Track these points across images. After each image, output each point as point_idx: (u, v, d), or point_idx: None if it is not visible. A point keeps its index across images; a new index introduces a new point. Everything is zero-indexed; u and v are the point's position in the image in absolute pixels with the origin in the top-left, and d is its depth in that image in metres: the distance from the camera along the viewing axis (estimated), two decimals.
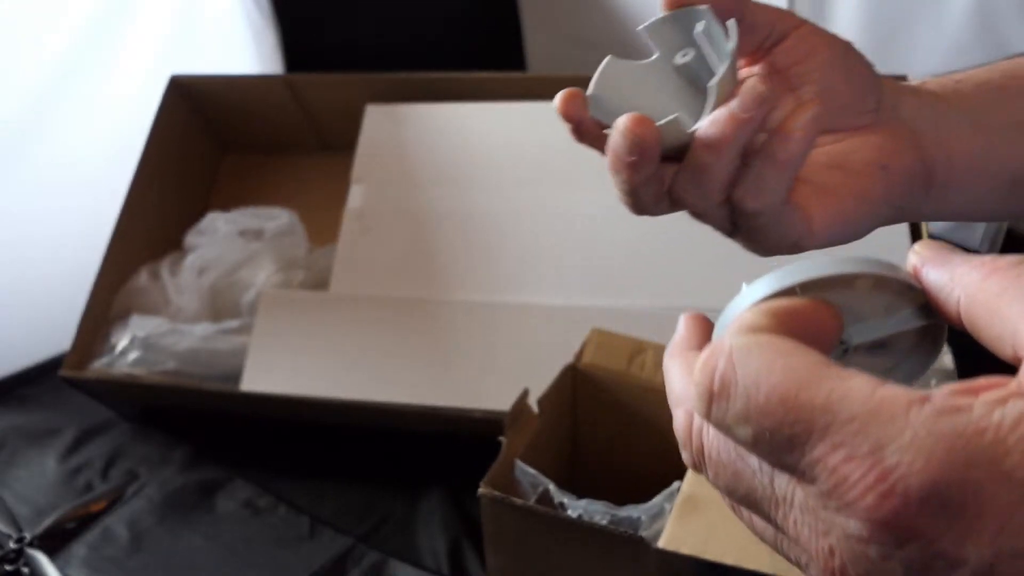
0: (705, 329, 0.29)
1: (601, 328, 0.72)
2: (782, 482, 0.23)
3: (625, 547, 0.58)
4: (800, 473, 0.22)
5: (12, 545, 0.81)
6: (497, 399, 0.75)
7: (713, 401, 0.23)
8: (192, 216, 1.07)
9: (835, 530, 0.21)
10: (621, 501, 0.63)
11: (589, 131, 0.39)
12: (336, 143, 1.17)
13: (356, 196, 1.00)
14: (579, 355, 0.71)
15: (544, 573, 0.66)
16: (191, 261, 1.01)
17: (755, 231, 0.38)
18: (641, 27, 0.38)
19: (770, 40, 0.39)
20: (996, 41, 0.99)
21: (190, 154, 1.17)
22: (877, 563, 0.21)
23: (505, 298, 0.90)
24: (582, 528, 0.60)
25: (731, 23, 0.36)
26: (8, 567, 0.79)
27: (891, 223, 0.40)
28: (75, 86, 1.08)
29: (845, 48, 0.39)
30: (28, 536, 0.82)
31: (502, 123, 1.00)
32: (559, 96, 0.38)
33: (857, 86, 0.39)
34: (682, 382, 0.26)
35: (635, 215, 0.39)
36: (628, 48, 1.36)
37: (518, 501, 0.61)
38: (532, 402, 0.69)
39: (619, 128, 0.36)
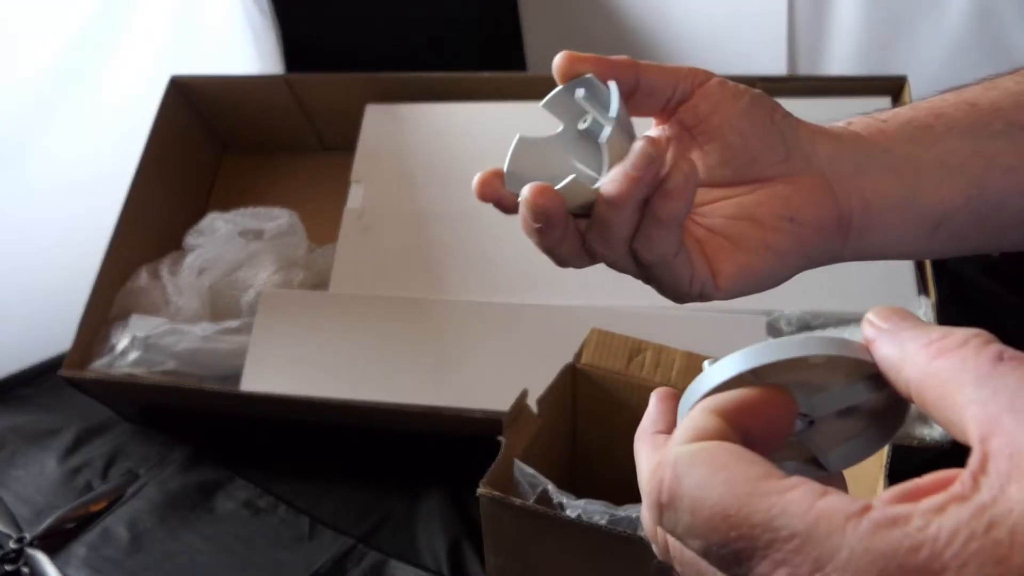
0: (672, 408, 0.29)
1: (601, 328, 0.72)
2: None
3: (624, 547, 0.58)
4: None
5: (12, 545, 0.81)
6: (497, 399, 0.75)
7: (663, 512, 0.24)
8: (192, 216, 1.07)
9: None
10: (620, 501, 0.63)
11: (509, 205, 0.40)
12: (336, 143, 1.17)
13: (356, 196, 1.00)
14: (578, 355, 0.71)
15: (543, 573, 0.66)
16: (191, 261, 1.01)
17: (655, 281, 0.40)
18: (541, 104, 0.40)
19: (674, 100, 0.40)
20: (996, 41, 0.99)
21: (190, 154, 1.17)
22: None
23: (505, 298, 0.90)
24: (581, 528, 0.60)
25: (611, 84, 0.37)
26: (8, 567, 0.79)
27: (810, 268, 0.41)
28: (75, 86, 1.08)
29: (752, 100, 0.40)
30: (28, 536, 0.82)
31: (502, 123, 1.00)
32: (475, 180, 0.40)
33: (762, 138, 0.39)
34: (648, 471, 0.27)
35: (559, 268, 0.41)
36: (628, 48, 1.36)
37: (517, 501, 0.61)
38: (532, 402, 0.69)
39: (523, 199, 0.38)
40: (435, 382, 0.85)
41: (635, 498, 0.63)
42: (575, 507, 0.63)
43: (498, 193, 0.40)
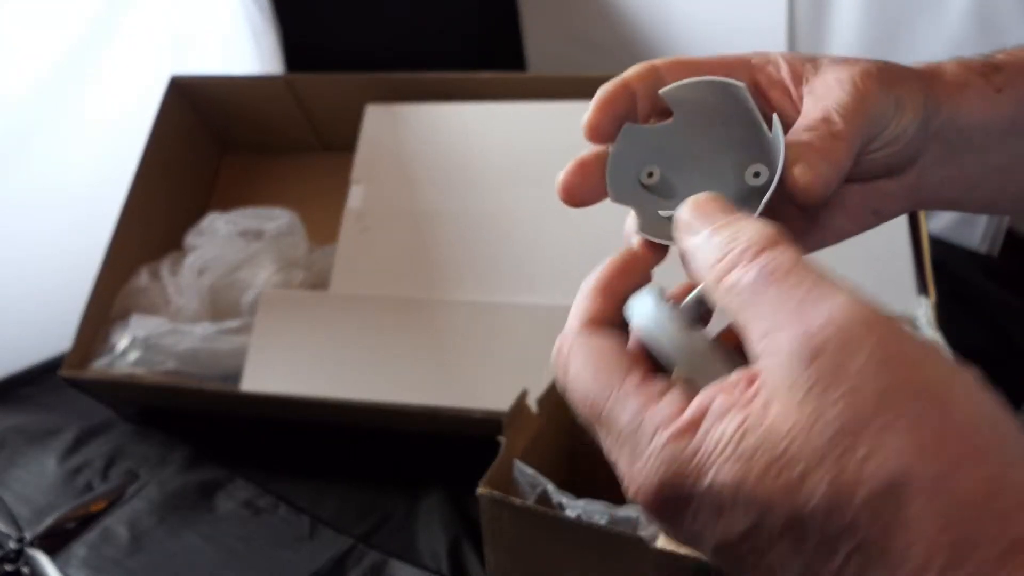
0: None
1: None
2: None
3: (624, 547, 0.58)
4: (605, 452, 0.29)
5: (12, 545, 0.81)
6: (497, 399, 0.75)
7: (560, 382, 0.31)
8: (192, 216, 1.07)
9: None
10: (620, 501, 0.63)
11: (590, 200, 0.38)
12: (336, 143, 1.17)
13: (356, 196, 1.00)
14: None
15: (543, 573, 0.66)
16: (191, 261, 1.01)
17: None
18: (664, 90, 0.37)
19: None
20: (996, 41, 0.98)
21: (190, 154, 1.17)
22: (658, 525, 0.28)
23: (505, 298, 0.90)
24: (581, 528, 0.60)
25: (776, 127, 0.34)
26: (8, 567, 0.80)
27: None
28: (75, 86, 1.08)
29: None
30: (28, 536, 0.82)
31: (502, 123, 1.00)
32: (560, 182, 0.38)
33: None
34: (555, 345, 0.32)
35: None
36: (628, 48, 1.36)
37: (517, 501, 0.61)
38: (532, 402, 0.69)
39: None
40: (435, 382, 0.85)
41: None
42: (575, 507, 0.63)
43: (586, 197, 0.37)
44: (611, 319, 0.32)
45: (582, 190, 0.37)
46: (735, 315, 0.27)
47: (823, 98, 0.34)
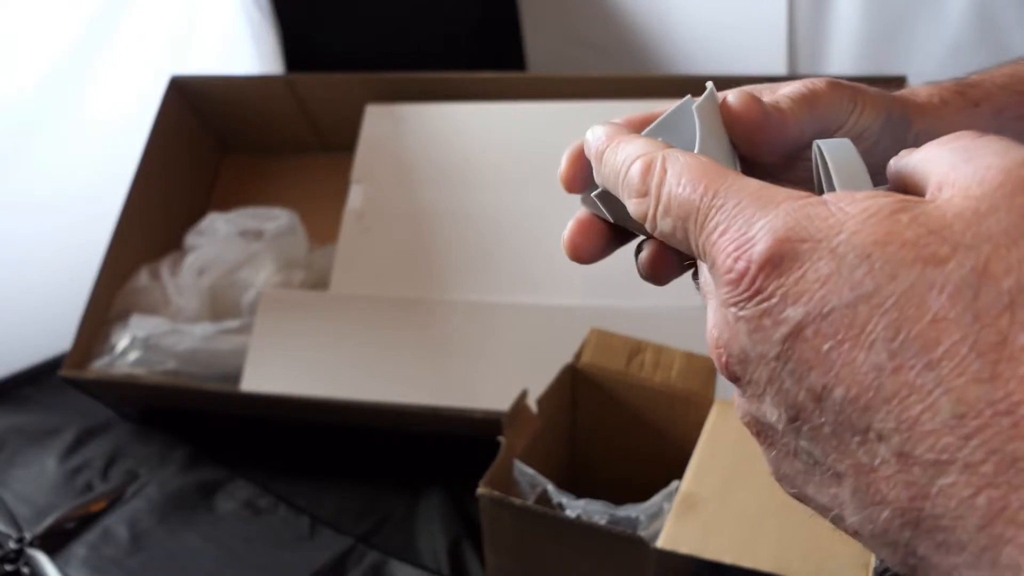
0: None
1: (600, 328, 0.73)
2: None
3: (624, 547, 0.58)
4: (701, 252, 0.26)
5: (12, 545, 0.81)
6: (497, 399, 0.75)
7: (646, 193, 0.29)
8: (192, 216, 1.07)
9: (713, 298, 0.26)
10: (620, 501, 0.63)
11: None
12: (336, 143, 1.17)
13: (356, 196, 1.00)
14: (578, 355, 0.71)
15: (543, 573, 0.66)
16: (191, 261, 1.01)
17: None
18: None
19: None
20: (996, 41, 0.99)
21: (190, 154, 1.17)
22: (732, 326, 0.24)
23: (505, 298, 0.90)
24: (581, 528, 0.60)
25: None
26: (8, 567, 0.80)
27: None
28: (75, 86, 1.08)
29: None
30: (28, 536, 0.82)
31: (502, 123, 1.00)
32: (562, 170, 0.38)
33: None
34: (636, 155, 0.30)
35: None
36: (627, 48, 1.36)
37: (517, 501, 0.61)
38: (532, 402, 0.69)
39: None
40: (435, 382, 0.85)
41: (635, 498, 0.63)
42: (575, 507, 0.63)
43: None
44: None
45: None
46: (923, 162, 0.25)
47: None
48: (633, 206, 0.29)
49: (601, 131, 0.33)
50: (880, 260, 0.21)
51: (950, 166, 0.23)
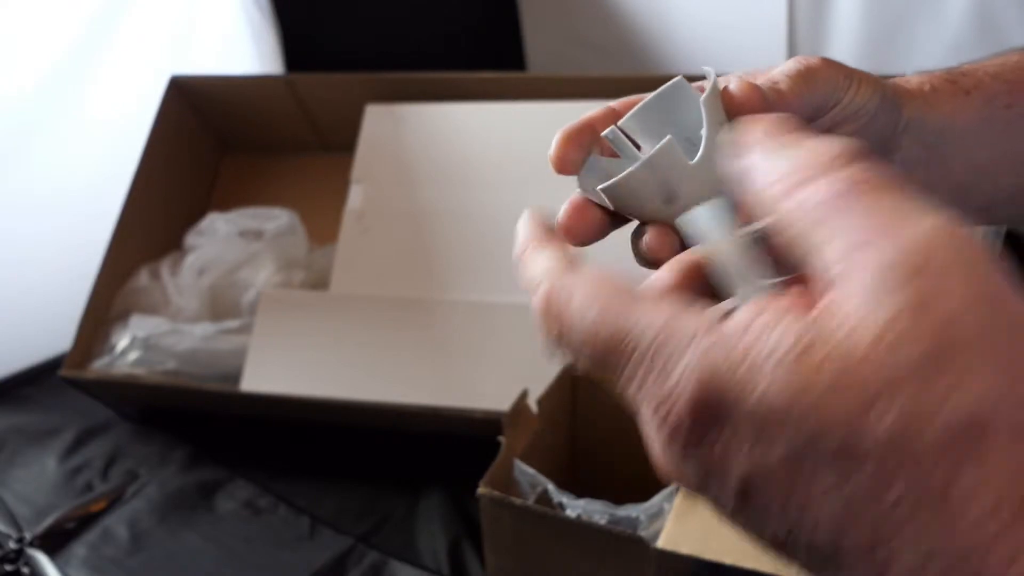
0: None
1: None
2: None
3: (624, 547, 0.58)
4: (625, 397, 0.25)
5: (12, 545, 0.81)
6: (497, 399, 0.75)
7: (556, 335, 0.27)
8: (192, 216, 1.07)
9: (647, 429, 0.24)
10: (620, 501, 0.63)
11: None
12: (336, 143, 1.17)
13: (356, 196, 1.00)
14: None
15: (543, 573, 0.66)
16: (191, 261, 1.01)
17: None
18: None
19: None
20: (996, 41, 0.99)
21: (190, 154, 1.17)
22: (680, 466, 0.24)
23: (505, 298, 0.90)
24: (581, 528, 0.60)
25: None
26: (8, 567, 0.79)
27: None
28: (75, 86, 1.08)
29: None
30: (28, 536, 0.82)
31: (502, 123, 1.00)
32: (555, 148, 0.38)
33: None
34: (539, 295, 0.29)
35: None
36: (627, 48, 1.36)
37: (517, 501, 0.61)
38: (532, 402, 0.69)
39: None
40: (435, 382, 0.85)
41: (635, 498, 0.63)
42: (575, 507, 0.63)
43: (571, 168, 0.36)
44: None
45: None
46: (807, 234, 0.23)
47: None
48: (542, 342, 0.28)
49: (521, 230, 0.32)
50: (801, 418, 0.21)
51: (845, 250, 0.22)
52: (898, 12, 1.04)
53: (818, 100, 0.34)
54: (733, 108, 0.32)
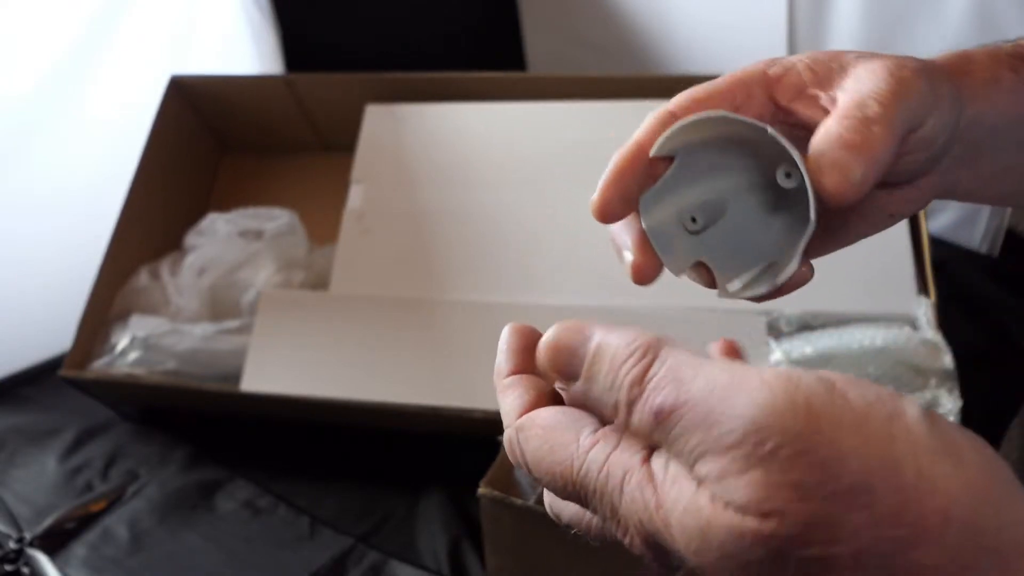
0: (522, 347, 0.33)
1: None
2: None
3: (624, 547, 0.58)
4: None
5: (12, 545, 0.81)
6: (496, 399, 0.75)
7: (524, 471, 0.30)
8: (192, 216, 1.07)
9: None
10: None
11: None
12: (336, 143, 1.17)
13: (356, 196, 1.00)
14: None
15: (543, 573, 0.66)
16: (191, 261, 1.01)
17: None
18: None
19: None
20: (995, 41, 0.98)
21: (190, 154, 1.17)
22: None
23: (505, 298, 0.90)
24: None
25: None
26: (8, 567, 0.80)
27: None
28: (75, 86, 1.08)
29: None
30: (28, 536, 0.82)
31: (502, 123, 1.00)
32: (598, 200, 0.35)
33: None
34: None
35: None
36: (627, 48, 1.36)
37: (517, 501, 0.61)
38: None
39: None
40: (435, 382, 0.85)
41: None
42: None
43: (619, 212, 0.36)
44: (531, 369, 0.32)
45: (618, 208, 0.35)
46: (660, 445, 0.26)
47: (856, 90, 0.32)
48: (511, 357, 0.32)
49: (500, 350, 0.33)
50: (701, 559, 0.24)
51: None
52: (898, 12, 1.04)
53: (907, 125, 0.32)
54: (824, 199, 0.31)
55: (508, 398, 0.31)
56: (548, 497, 0.32)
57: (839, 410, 0.22)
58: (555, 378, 0.29)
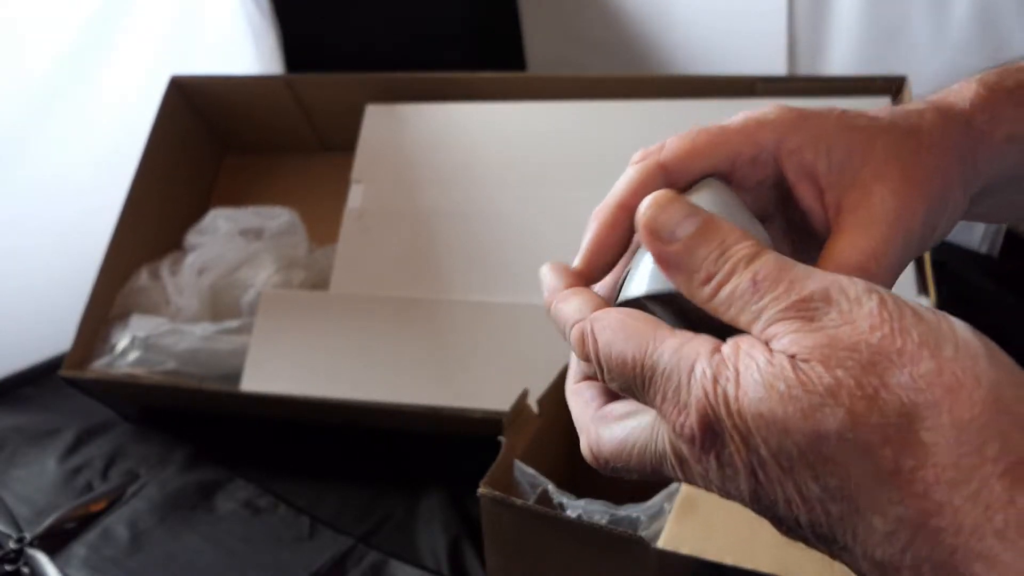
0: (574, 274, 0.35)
1: None
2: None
3: (624, 547, 0.58)
4: (647, 402, 0.30)
5: (12, 545, 0.81)
6: (497, 399, 0.75)
7: (588, 361, 0.31)
8: (192, 216, 1.07)
9: (670, 435, 0.29)
10: (620, 501, 0.63)
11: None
12: (336, 143, 1.17)
13: (356, 196, 1.00)
14: None
15: (544, 573, 0.66)
16: (191, 261, 1.01)
17: None
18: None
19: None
20: (996, 41, 0.99)
21: (190, 154, 1.17)
22: (700, 464, 0.28)
23: (505, 298, 0.90)
24: (581, 528, 0.60)
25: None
26: (8, 567, 0.79)
27: None
28: (75, 86, 1.08)
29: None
30: (28, 536, 0.82)
31: (502, 123, 1.00)
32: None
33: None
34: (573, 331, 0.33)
35: None
36: (627, 48, 1.36)
37: (517, 501, 0.61)
38: (532, 402, 0.69)
39: None
40: (435, 382, 0.85)
41: (635, 498, 0.63)
42: (575, 507, 0.63)
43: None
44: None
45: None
46: (735, 317, 0.28)
47: (859, 235, 0.33)
48: (581, 366, 0.34)
49: (546, 278, 0.35)
50: (770, 428, 0.26)
51: (766, 323, 0.27)
52: (898, 12, 1.04)
53: (910, 259, 0.35)
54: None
55: (574, 302, 0.33)
56: (596, 422, 0.33)
57: (903, 305, 0.27)
58: (651, 232, 0.30)
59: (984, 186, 0.36)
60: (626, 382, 0.29)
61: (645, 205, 0.30)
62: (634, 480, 0.32)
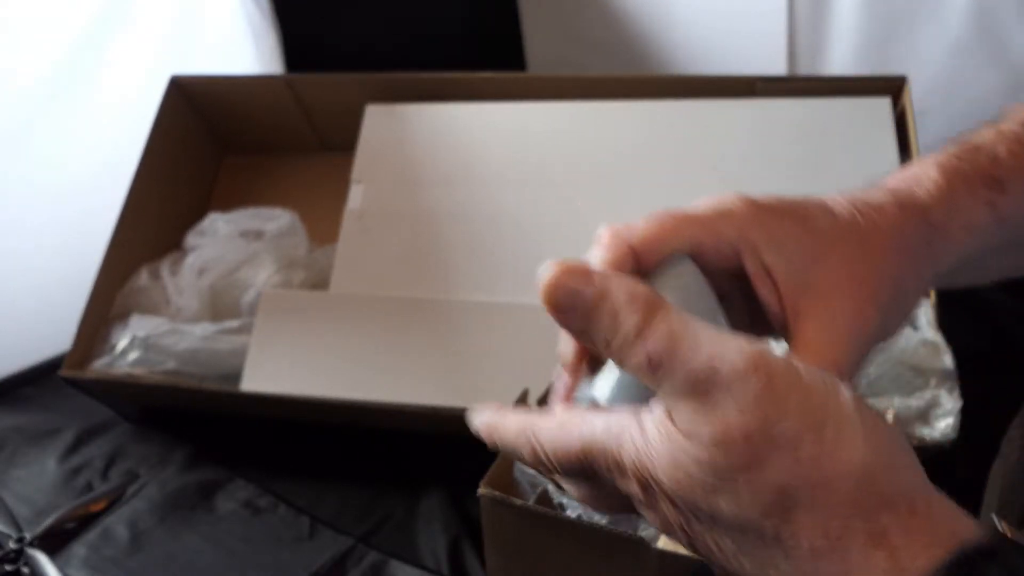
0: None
1: None
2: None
3: (625, 547, 0.58)
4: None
5: (12, 545, 0.81)
6: (497, 399, 0.74)
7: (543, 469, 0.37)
8: (192, 216, 1.07)
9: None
10: None
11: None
12: (336, 143, 1.17)
13: (356, 196, 1.00)
14: None
15: (544, 573, 0.66)
16: (191, 261, 1.01)
17: None
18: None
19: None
20: (996, 41, 0.99)
21: (190, 154, 1.17)
22: (646, 513, 0.33)
23: (505, 298, 0.90)
24: (582, 528, 0.60)
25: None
26: (8, 567, 0.80)
27: None
28: (75, 86, 1.08)
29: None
30: (28, 536, 0.82)
31: (502, 123, 1.00)
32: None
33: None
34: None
35: None
36: (627, 48, 1.36)
37: (517, 501, 0.61)
38: (532, 402, 0.69)
39: None
40: (435, 382, 0.85)
41: None
42: (575, 507, 0.63)
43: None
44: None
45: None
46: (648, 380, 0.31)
47: (820, 346, 0.34)
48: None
49: (483, 417, 0.41)
50: (684, 498, 0.30)
51: (670, 393, 0.30)
52: (898, 12, 1.04)
53: (870, 355, 0.37)
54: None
55: (512, 422, 0.40)
56: (564, 482, 0.37)
57: (792, 381, 0.29)
58: (557, 317, 0.33)
59: (946, 271, 0.38)
60: (578, 474, 0.34)
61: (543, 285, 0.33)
62: None
